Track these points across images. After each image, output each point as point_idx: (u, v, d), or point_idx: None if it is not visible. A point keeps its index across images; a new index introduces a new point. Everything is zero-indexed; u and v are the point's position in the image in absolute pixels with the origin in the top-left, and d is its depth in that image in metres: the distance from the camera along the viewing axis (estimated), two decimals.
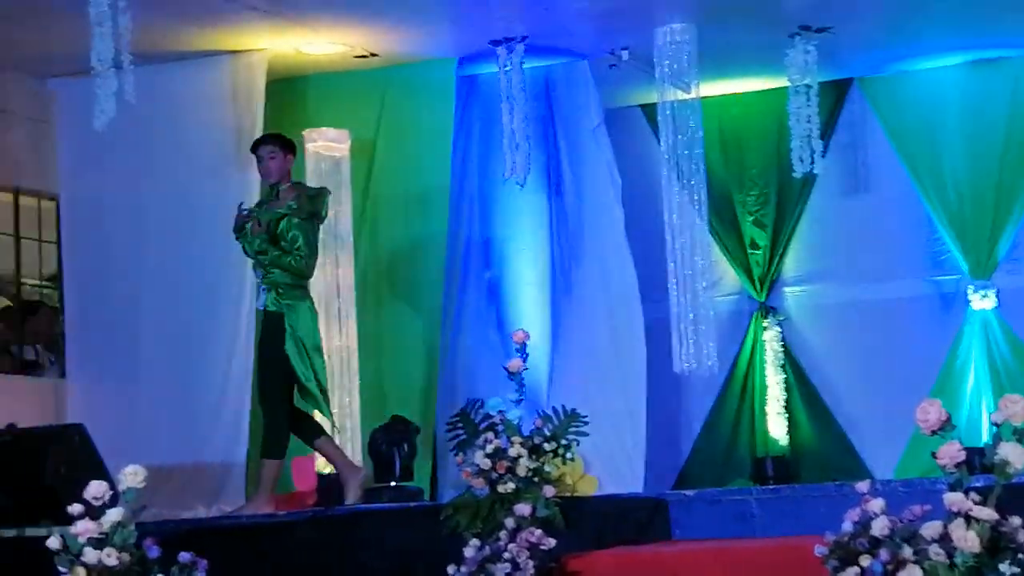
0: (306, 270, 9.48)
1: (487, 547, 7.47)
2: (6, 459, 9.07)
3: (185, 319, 11.36)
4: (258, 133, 11.40)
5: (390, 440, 10.65)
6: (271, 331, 9.38)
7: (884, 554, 5.59)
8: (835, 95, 12.87)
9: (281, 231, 9.36)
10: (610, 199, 12.06)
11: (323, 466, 10.86)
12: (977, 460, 5.72)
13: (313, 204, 9.48)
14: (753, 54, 12.05)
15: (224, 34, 11.13)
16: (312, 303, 9.58)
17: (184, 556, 6.04)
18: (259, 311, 9.49)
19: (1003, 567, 5.30)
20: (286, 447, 9.48)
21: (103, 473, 8.20)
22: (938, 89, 12.79)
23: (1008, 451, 5.40)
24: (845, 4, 11.05)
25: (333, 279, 11.33)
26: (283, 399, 9.41)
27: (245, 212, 9.54)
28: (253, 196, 11.14)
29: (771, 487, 9.39)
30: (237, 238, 9.52)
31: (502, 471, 7.77)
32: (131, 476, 6.04)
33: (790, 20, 11.28)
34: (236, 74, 11.53)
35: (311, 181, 11.35)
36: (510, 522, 7.56)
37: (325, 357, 10.34)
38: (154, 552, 5.99)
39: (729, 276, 13.46)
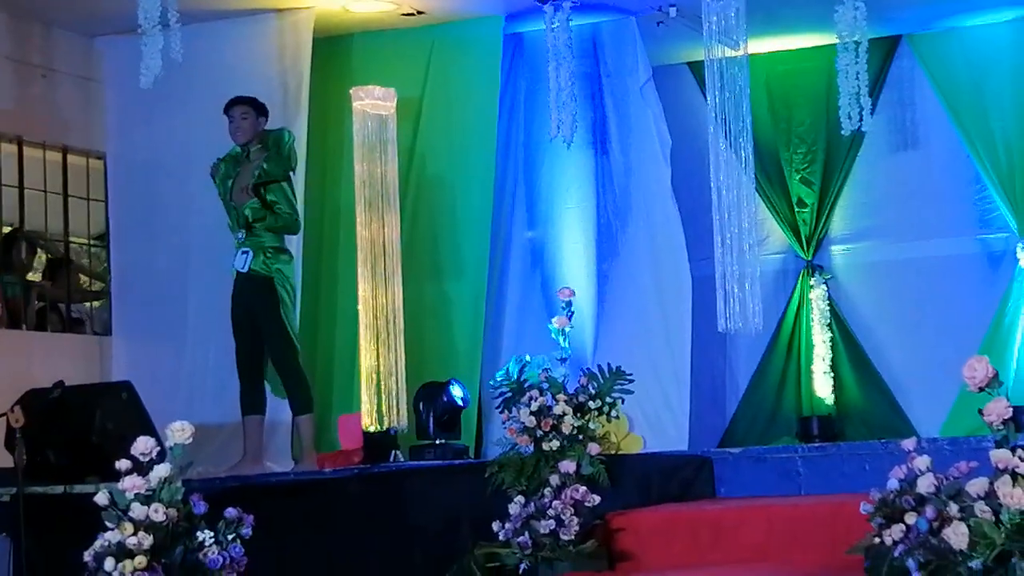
0: (296, 227, 10.27)
1: (532, 504, 7.49)
2: (55, 416, 9.14)
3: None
4: (305, 91, 11.45)
5: (431, 398, 10.67)
6: (260, 294, 9.83)
7: (930, 511, 5.59)
8: (884, 52, 12.78)
9: (265, 195, 9.86)
10: (658, 157, 12.02)
11: (368, 424, 10.90)
12: None
13: (287, 162, 10.16)
14: (802, 11, 11.97)
15: None
16: (292, 257, 10.26)
17: (230, 512, 6.09)
18: (240, 273, 9.83)
19: None
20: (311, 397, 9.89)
21: (150, 430, 8.26)
22: (987, 45, 12.68)
23: None
24: None
25: (379, 238, 11.31)
26: (296, 355, 10.14)
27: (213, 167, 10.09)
28: (299, 153, 11.19)
29: (816, 445, 9.36)
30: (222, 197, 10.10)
31: (547, 429, 7.79)
32: (178, 432, 6.08)
33: None
34: (282, 32, 11.53)
35: (357, 139, 11.36)
36: (555, 479, 7.58)
37: (373, 317, 10.46)
38: (201, 508, 6.03)
39: (776, 234, 13.40)
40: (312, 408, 10.15)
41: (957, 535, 5.46)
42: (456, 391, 10.49)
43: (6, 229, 11.53)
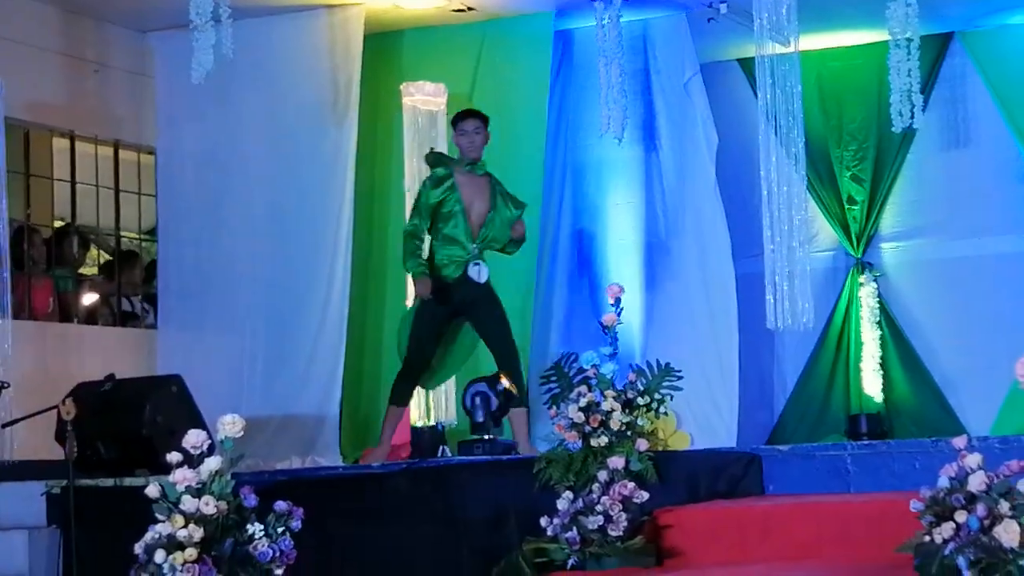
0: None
1: (580, 500, 7.48)
2: (105, 409, 9.20)
3: (280, 272, 11.45)
4: (355, 87, 11.46)
5: (483, 394, 10.67)
6: (493, 303, 9.87)
7: (980, 509, 5.55)
8: (936, 49, 12.73)
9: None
10: (703, 155, 12.01)
11: (416, 419, 10.92)
12: None
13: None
14: (853, 7, 11.93)
15: None
16: None
17: (280, 505, 6.11)
18: (474, 282, 9.74)
19: None
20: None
21: (200, 423, 8.30)
22: None
23: None
24: None
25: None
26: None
27: None
28: (350, 149, 11.22)
29: (866, 443, 9.32)
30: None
31: (595, 425, 7.77)
32: (229, 425, 6.10)
33: None
34: (333, 28, 11.56)
35: (408, 135, 11.41)
36: (603, 475, 7.57)
37: None
38: (251, 501, 6.05)
39: (826, 232, 13.36)
40: (527, 402, 10.14)
41: (1008, 533, 5.43)
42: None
43: (58, 224, 11.60)
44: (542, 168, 11.94)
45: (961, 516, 5.62)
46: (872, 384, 13.00)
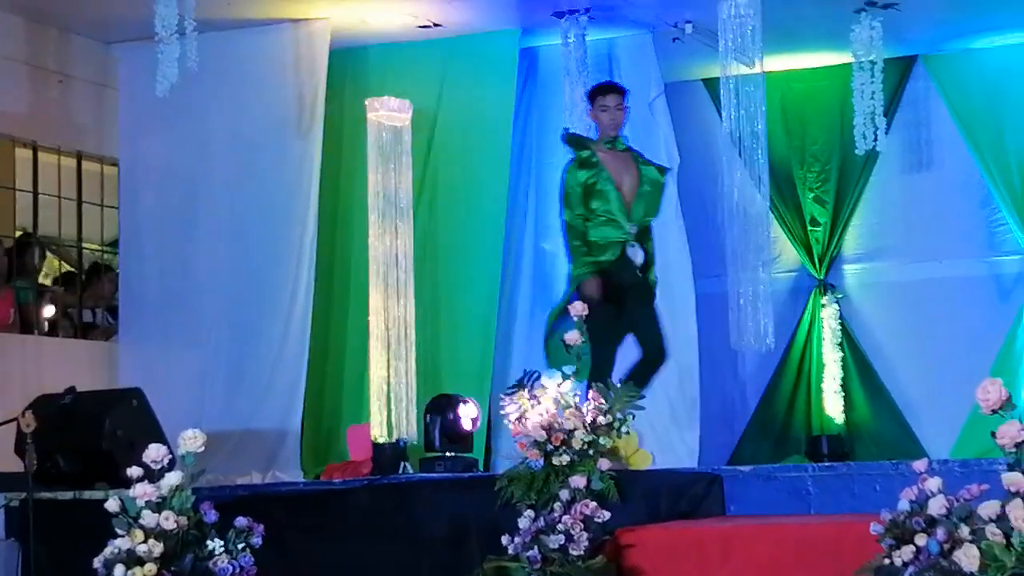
0: None
1: (541, 518, 7.47)
2: (65, 422, 9.15)
3: (242, 286, 11.42)
4: (320, 101, 11.44)
5: (441, 411, 10.66)
6: (648, 287, 9.41)
7: (940, 533, 5.56)
8: (899, 72, 12.78)
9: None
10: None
11: (377, 435, 10.90)
12: None
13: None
14: (818, 29, 11.98)
15: (287, 2, 11.15)
16: None
17: (241, 521, 6.09)
18: (637, 267, 9.28)
19: None
20: None
21: (161, 438, 8.26)
22: (1003, 67, 12.68)
23: None
24: None
25: (392, 249, 11.35)
26: None
27: None
28: (314, 163, 11.20)
29: (827, 464, 9.33)
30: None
31: (557, 443, 7.77)
32: (190, 440, 6.08)
33: None
34: (298, 42, 11.55)
35: (372, 150, 11.40)
36: (564, 494, 7.56)
37: (384, 327, 10.45)
38: (212, 516, 6.03)
39: (788, 252, 13.40)
40: None
41: (968, 557, 5.44)
42: (468, 411, 10.47)
43: (19, 234, 11.54)
44: (506, 185, 11.93)
45: (921, 540, 5.62)
46: (833, 405, 13.03)
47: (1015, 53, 12.64)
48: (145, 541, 5.87)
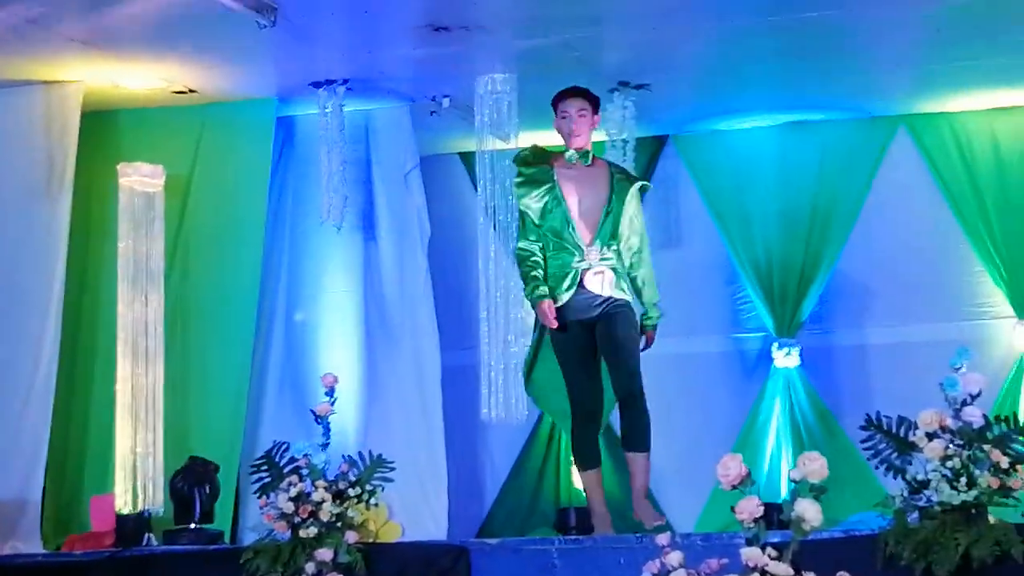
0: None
1: None
2: None
3: None
4: (70, 165, 11.25)
5: (191, 481, 10.53)
6: (628, 319, 8.75)
7: None
8: (651, 151, 13.00)
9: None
10: (417, 246, 12.09)
11: (121, 506, 10.70)
12: (775, 516, 5.81)
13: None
14: None
15: (39, 64, 10.95)
16: None
17: None
18: (602, 297, 8.54)
19: None
20: None
21: None
22: (750, 149, 12.97)
23: (804, 507, 5.51)
24: (662, 63, 11.21)
25: (142, 316, 11.19)
26: None
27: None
28: (62, 228, 11.01)
29: (573, 537, 9.43)
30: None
31: (305, 515, 7.73)
32: None
33: (609, 76, 11.42)
34: (50, 105, 11.34)
35: (123, 215, 11.24)
36: (311, 567, 7.53)
37: (131, 396, 10.27)
38: None
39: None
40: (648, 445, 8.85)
41: None
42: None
43: None
44: (260, 253, 11.85)
45: None
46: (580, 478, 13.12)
47: (761, 136, 12.95)
48: None
